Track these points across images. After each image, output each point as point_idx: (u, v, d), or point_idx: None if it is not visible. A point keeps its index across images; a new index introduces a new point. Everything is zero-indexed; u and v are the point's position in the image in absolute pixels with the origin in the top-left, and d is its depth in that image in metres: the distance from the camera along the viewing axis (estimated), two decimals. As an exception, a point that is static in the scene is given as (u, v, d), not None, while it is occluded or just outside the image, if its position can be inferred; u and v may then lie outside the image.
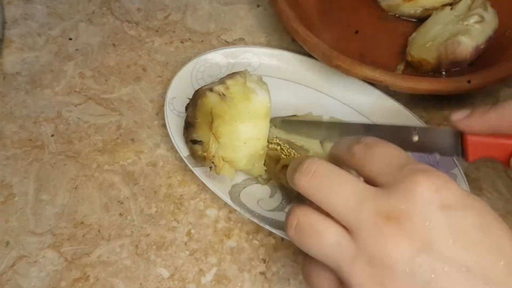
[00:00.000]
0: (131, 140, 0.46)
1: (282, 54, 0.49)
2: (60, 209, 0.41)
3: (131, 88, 0.49)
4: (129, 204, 0.42)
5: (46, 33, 0.52)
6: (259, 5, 0.56)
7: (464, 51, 0.45)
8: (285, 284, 0.39)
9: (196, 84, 0.46)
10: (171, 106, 0.44)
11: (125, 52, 0.52)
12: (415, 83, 0.43)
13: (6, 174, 0.43)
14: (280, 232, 0.39)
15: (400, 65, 0.49)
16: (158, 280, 0.38)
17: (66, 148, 0.45)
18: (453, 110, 0.35)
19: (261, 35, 0.54)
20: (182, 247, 0.40)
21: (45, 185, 0.42)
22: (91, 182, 0.43)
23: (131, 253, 0.39)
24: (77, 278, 0.38)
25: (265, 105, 0.42)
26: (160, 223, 0.41)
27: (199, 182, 0.43)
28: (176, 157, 0.44)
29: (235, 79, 0.41)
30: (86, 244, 0.40)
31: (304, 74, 0.48)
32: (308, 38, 0.45)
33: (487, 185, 0.44)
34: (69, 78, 0.49)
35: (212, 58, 0.48)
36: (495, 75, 0.44)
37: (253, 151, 0.41)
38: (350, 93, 0.47)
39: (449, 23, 0.48)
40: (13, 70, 0.49)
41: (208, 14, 0.55)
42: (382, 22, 0.54)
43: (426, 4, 0.52)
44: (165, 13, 0.55)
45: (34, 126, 0.46)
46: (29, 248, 0.39)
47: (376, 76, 0.43)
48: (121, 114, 0.47)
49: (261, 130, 0.41)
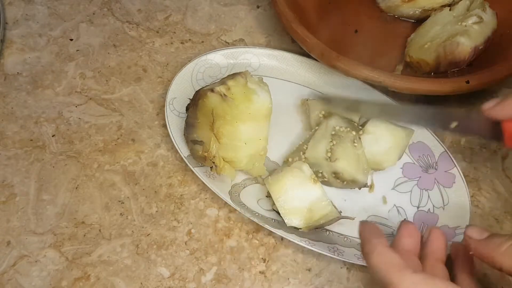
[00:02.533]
0: (132, 140, 0.46)
1: (281, 55, 0.49)
2: (61, 209, 0.42)
3: (131, 89, 0.49)
4: (130, 204, 0.42)
5: (47, 33, 0.53)
6: (259, 6, 0.56)
7: (463, 52, 0.45)
8: (284, 283, 0.39)
9: (196, 85, 0.47)
10: (171, 107, 0.44)
11: (126, 52, 0.52)
12: (414, 84, 0.43)
13: (7, 174, 0.43)
14: (279, 232, 0.39)
15: (399, 66, 0.50)
16: (159, 280, 0.39)
17: (67, 148, 0.45)
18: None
19: (261, 36, 0.54)
20: (182, 246, 0.40)
21: (46, 185, 0.43)
22: (92, 182, 0.43)
23: (132, 252, 0.40)
24: (78, 277, 0.38)
25: (266, 106, 0.42)
26: (160, 223, 0.41)
27: (199, 182, 0.43)
28: (177, 157, 0.45)
29: (236, 79, 0.42)
30: (87, 243, 0.40)
31: (303, 75, 0.48)
32: (307, 39, 0.45)
33: (485, 185, 0.44)
34: (70, 78, 0.49)
35: (212, 58, 0.48)
36: (493, 75, 0.44)
37: (254, 151, 0.41)
38: (349, 94, 0.47)
39: (448, 24, 0.48)
40: (14, 71, 0.50)
41: (208, 15, 0.55)
42: (381, 23, 0.54)
43: (425, 5, 0.52)
44: (165, 14, 0.55)
45: (35, 126, 0.46)
46: (30, 247, 0.40)
47: (375, 77, 0.43)
48: (121, 114, 0.47)
49: (262, 130, 0.42)
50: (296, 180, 0.40)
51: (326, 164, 0.41)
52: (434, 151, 0.44)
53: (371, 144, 0.42)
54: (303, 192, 0.40)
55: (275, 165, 0.44)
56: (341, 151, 0.41)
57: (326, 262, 0.40)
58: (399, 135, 0.42)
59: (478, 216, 0.43)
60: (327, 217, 0.39)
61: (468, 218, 0.40)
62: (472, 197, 0.43)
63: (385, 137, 0.42)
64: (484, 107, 0.34)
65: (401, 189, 0.43)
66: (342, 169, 0.40)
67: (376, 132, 0.43)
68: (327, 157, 0.41)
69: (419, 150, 0.44)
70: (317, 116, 0.44)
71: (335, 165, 0.40)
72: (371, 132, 0.43)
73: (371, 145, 0.42)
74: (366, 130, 0.43)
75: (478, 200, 0.43)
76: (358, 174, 0.41)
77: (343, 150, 0.41)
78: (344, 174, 0.41)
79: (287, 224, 0.39)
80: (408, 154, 0.44)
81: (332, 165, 0.40)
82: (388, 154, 0.42)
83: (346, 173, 0.41)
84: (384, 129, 0.43)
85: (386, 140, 0.42)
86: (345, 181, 0.41)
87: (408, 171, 0.44)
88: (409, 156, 0.44)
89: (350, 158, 0.41)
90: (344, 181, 0.41)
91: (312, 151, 0.41)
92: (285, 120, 0.46)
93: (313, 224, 0.39)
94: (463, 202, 0.41)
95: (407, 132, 0.43)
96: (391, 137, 0.42)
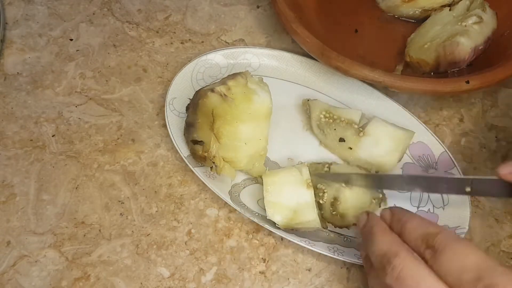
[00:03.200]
0: (132, 140, 0.46)
1: (281, 55, 0.49)
2: (61, 209, 0.42)
3: (131, 89, 0.49)
4: (130, 204, 0.42)
5: (47, 33, 0.53)
6: (259, 6, 0.56)
7: (463, 52, 0.45)
8: (284, 283, 0.39)
9: (196, 85, 0.47)
10: (171, 107, 0.44)
11: (126, 52, 0.52)
12: (414, 84, 0.43)
13: (7, 174, 0.43)
14: (279, 232, 0.39)
15: (399, 66, 0.50)
16: (159, 280, 0.39)
17: (67, 148, 0.45)
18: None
19: (261, 36, 0.54)
20: (182, 246, 0.40)
21: (46, 185, 0.43)
22: (92, 182, 0.43)
23: (132, 252, 0.40)
24: (78, 277, 0.38)
25: (267, 106, 0.42)
26: (160, 223, 0.41)
27: (199, 182, 0.43)
28: (177, 157, 0.45)
29: (236, 80, 0.42)
30: (87, 243, 0.40)
31: (303, 75, 0.48)
32: (307, 39, 0.45)
33: (485, 185, 0.44)
34: (70, 78, 0.49)
35: (212, 58, 0.48)
36: (493, 75, 0.44)
37: (254, 152, 0.41)
38: (349, 94, 0.47)
39: (448, 24, 0.48)
40: (14, 71, 0.50)
41: (208, 15, 0.55)
42: (381, 23, 0.54)
43: (425, 5, 0.52)
44: (165, 14, 0.55)
45: (35, 126, 0.46)
46: (30, 247, 0.40)
47: (375, 77, 0.43)
48: (121, 114, 0.47)
49: (262, 130, 0.42)
50: (291, 179, 0.40)
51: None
52: (434, 151, 0.44)
53: (372, 146, 0.42)
54: (293, 191, 0.40)
55: (275, 165, 0.44)
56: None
57: (326, 262, 0.40)
58: (400, 136, 0.43)
59: (478, 216, 0.43)
60: (308, 224, 0.39)
61: (468, 218, 0.40)
62: (472, 197, 0.43)
63: (386, 139, 0.42)
64: (500, 172, 0.34)
65: (401, 189, 0.43)
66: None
67: (377, 134, 0.43)
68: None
69: (419, 150, 0.44)
70: (317, 116, 0.44)
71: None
72: (371, 134, 0.43)
73: (372, 147, 0.42)
74: (366, 132, 0.43)
75: (478, 200, 0.43)
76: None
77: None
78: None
79: (267, 216, 0.39)
80: (408, 154, 0.44)
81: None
82: (389, 156, 0.42)
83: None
84: (384, 131, 0.43)
85: (387, 142, 0.42)
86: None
87: (408, 171, 0.44)
88: (409, 156, 0.44)
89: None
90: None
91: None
92: (285, 120, 0.46)
93: (292, 226, 0.39)
94: (463, 202, 0.41)
95: (407, 133, 0.43)
96: (392, 139, 0.42)
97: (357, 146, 0.43)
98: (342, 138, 0.43)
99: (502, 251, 0.41)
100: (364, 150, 0.43)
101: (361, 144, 0.43)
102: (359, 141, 0.43)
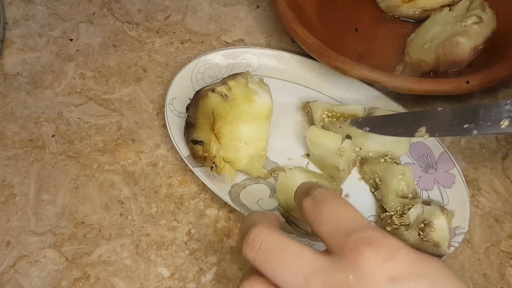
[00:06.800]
0: (132, 140, 0.46)
1: (281, 55, 0.49)
2: (60, 209, 0.42)
3: (131, 89, 0.49)
4: (130, 204, 0.42)
5: (47, 34, 0.53)
6: (258, 6, 0.56)
7: (462, 52, 0.45)
8: (285, 283, 0.39)
9: (196, 85, 0.47)
10: (171, 107, 0.44)
11: (126, 53, 0.52)
12: (414, 84, 0.43)
13: (7, 174, 0.43)
14: (280, 232, 0.39)
15: (399, 66, 0.50)
16: (159, 280, 0.39)
17: (67, 148, 0.45)
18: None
19: (260, 36, 0.54)
20: (182, 246, 0.40)
21: (46, 185, 0.43)
22: (91, 182, 0.43)
23: (132, 252, 0.40)
24: (77, 277, 0.38)
25: (267, 106, 0.42)
26: (160, 223, 0.41)
27: (199, 182, 0.43)
28: (176, 157, 0.45)
29: (237, 80, 0.42)
30: (87, 243, 0.40)
31: (303, 75, 0.48)
32: (307, 39, 0.46)
33: (485, 185, 0.44)
34: (70, 78, 0.49)
35: (212, 59, 0.48)
36: (493, 75, 0.44)
37: (254, 152, 0.41)
38: (349, 94, 0.47)
39: (448, 24, 0.48)
40: (14, 71, 0.50)
41: (208, 15, 0.55)
42: (381, 23, 0.54)
43: (425, 5, 0.52)
44: (165, 14, 0.55)
45: (35, 126, 0.46)
46: (30, 247, 0.40)
47: (375, 77, 0.43)
48: (121, 114, 0.47)
49: (263, 131, 0.42)
50: (302, 175, 0.40)
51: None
52: (434, 151, 0.44)
53: (380, 136, 0.42)
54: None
55: (275, 165, 0.44)
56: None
57: (326, 262, 0.40)
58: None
59: (478, 216, 0.43)
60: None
61: (468, 218, 0.40)
62: (472, 197, 0.43)
63: None
64: None
65: (401, 189, 0.43)
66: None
67: None
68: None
69: (419, 150, 0.44)
70: (320, 117, 0.44)
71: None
72: None
73: (380, 137, 0.42)
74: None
75: (478, 200, 0.43)
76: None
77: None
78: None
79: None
80: (408, 154, 0.44)
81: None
82: (399, 142, 0.42)
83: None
84: None
85: None
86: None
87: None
88: (409, 156, 0.44)
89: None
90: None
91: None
92: (285, 120, 0.46)
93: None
94: (463, 202, 0.41)
95: None
96: None
97: (365, 139, 0.43)
98: (349, 135, 0.43)
99: (502, 251, 0.41)
100: (373, 141, 0.42)
101: (369, 137, 0.42)
102: (366, 134, 0.42)
